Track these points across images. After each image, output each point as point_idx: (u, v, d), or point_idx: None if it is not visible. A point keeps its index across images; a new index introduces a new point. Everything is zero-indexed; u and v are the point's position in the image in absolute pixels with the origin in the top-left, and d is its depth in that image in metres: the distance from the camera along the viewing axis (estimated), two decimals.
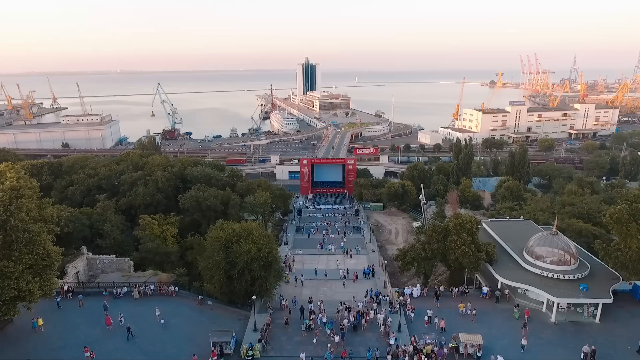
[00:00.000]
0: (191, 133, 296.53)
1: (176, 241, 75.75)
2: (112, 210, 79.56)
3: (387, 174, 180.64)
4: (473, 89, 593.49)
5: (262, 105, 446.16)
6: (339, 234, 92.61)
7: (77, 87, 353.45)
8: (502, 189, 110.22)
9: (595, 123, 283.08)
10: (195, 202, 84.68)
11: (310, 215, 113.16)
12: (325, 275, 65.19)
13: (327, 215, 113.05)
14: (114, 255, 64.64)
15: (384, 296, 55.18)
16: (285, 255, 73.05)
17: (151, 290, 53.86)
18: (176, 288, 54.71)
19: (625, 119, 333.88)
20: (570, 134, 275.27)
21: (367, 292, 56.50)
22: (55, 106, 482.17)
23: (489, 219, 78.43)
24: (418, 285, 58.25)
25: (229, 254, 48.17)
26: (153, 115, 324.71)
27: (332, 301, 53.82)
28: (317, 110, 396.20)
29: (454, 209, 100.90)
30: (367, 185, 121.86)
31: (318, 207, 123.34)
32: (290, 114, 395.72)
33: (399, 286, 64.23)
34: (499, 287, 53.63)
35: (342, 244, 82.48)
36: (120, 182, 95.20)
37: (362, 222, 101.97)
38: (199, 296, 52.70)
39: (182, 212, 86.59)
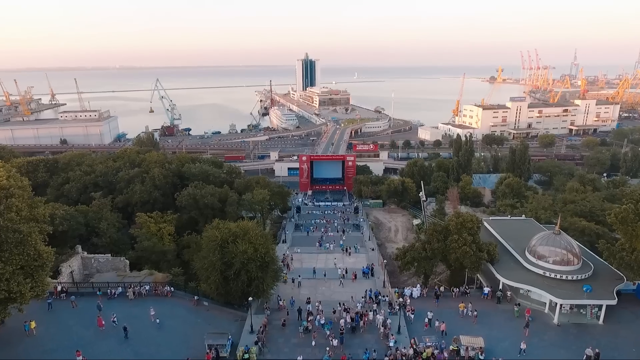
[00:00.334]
0: (190, 129, 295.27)
1: (173, 239, 74.72)
2: (108, 208, 78.38)
3: (387, 170, 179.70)
4: (473, 84, 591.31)
5: (261, 101, 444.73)
6: (338, 231, 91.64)
7: (75, 83, 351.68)
8: (502, 185, 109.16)
9: (596, 119, 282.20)
10: (192, 199, 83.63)
11: (309, 212, 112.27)
12: (325, 275, 64.08)
13: (326, 212, 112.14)
14: (110, 254, 63.63)
15: (384, 296, 54.29)
16: (284, 254, 72.22)
17: (146, 290, 52.87)
18: (172, 288, 53.68)
19: (626, 115, 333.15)
20: (570, 130, 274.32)
21: (366, 292, 55.65)
22: (53, 102, 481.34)
23: (490, 218, 77.51)
24: (418, 285, 57.28)
25: (225, 254, 47.17)
26: (152, 111, 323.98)
27: (331, 301, 53.02)
28: (317, 106, 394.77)
29: (454, 206, 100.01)
30: (367, 182, 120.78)
31: (317, 204, 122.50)
32: (290, 109, 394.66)
33: (398, 285, 63.45)
34: (500, 287, 52.72)
35: (341, 242, 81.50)
36: (117, 180, 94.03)
37: (361, 220, 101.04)
38: (195, 297, 51.70)
39: (179, 209, 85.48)
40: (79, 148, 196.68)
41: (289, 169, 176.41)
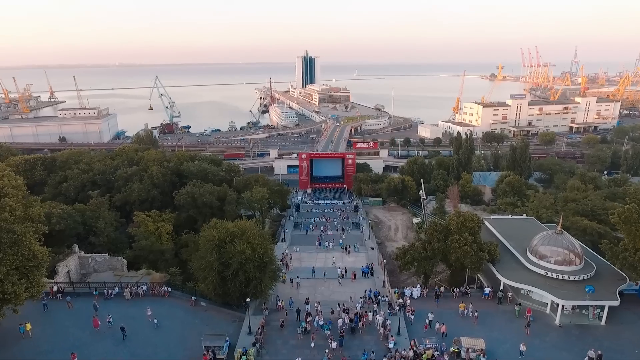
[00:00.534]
0: (189, 127, 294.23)
1: (171, 238, 74.16)
2: (105, 207, 77.81)
3: (387, 168, 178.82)
4: (473, 82, 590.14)
5: (261, 98, 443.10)
6: (337, 230, 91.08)
7: (74, 81, 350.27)
8: (503, 184, 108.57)
9: (597, 116, 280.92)
10: (190, 198, 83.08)
11: (309, 210, 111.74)
12: (324, 275, 63.43)
13: (325, 210, 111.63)
14: (107, 254, 63.04)
15: (383, 297, 53.70)
16: (283, 253, 71.62)
17: (143, 290, 52.30)
18: (169, 289, 53.12)
19: (626, 112, 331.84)
20: (571, 128, 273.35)
21: (365, 292, 55.08)
22: (52, 100, 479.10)
23: (491, 216, 76.88)
24: (418, 285, 56.69)
25: (222, 254, 46.60)
26: (151, 108, 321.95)
27: (330, 301, 52.41)
28: (317, 103, 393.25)
29: (455, 205, 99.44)
30: (367, 180, 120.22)
31: (317, 202, 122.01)
32: (290, 107, 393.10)
33: (398, 285, 62.94)
34: (501, 287, 52.15)
35: (340, 241, 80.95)
36: (115, 178, 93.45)
37: (361, 218, 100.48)
38: (193, 297, 51.14)
39: (177, 208, 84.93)
40: (78, 146, 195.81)
41: (288, 166, 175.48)
